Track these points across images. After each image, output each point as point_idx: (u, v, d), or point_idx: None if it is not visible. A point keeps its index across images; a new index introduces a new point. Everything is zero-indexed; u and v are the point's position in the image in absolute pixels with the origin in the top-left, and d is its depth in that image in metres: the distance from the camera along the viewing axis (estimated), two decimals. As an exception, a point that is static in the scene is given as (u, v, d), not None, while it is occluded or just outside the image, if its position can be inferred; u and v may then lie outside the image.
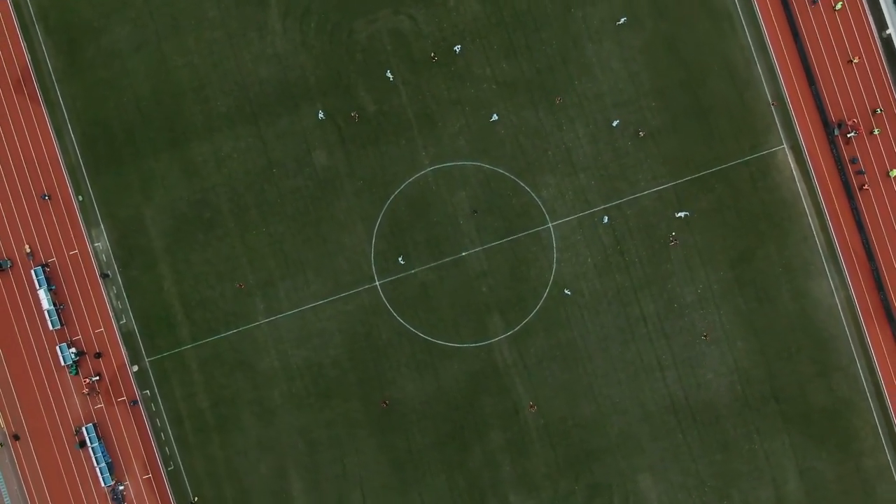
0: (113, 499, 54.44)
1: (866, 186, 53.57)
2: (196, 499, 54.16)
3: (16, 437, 54.58)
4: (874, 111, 53.59)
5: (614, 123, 53.62)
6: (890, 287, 53.75)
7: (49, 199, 54.57)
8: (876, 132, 53.52)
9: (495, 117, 53.71)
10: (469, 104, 54.49)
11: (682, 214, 53.32)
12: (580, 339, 54.31)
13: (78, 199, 54.83)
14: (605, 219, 53.65)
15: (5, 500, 54.57)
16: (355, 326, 54.62)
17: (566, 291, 53.38)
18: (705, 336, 53.54)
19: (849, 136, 53.52)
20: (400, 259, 53.95)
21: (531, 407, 53.71)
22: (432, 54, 53.95)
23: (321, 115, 53.92)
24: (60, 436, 54.63)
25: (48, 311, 53.82)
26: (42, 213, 54.75)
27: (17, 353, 54.62)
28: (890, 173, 53.66)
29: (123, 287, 54.79)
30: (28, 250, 54.43)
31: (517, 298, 54.21)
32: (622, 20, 53.77)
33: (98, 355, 54.48)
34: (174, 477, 54.75)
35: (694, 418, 53.98)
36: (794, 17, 53.90)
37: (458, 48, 53.82)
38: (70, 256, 54.84)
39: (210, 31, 54.84)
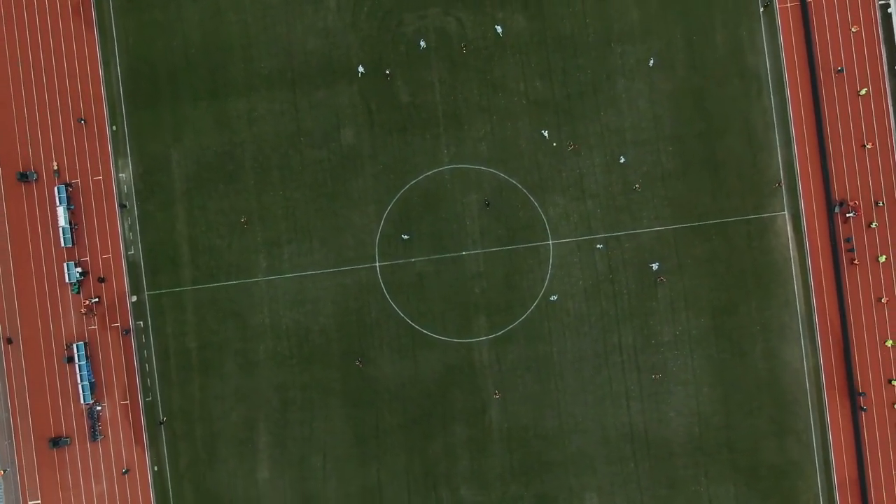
0: (88, 416, 56.88)
1: (856, 262, 55.87)
2: (165, 419, 56.58)
3: (9, 341, 56.99)
4: (876, 203, 55.88)
5: (622, 160, 55.96)
6: (857, 365, 56.12)
7: (84, 123, 56.89)
8: (874, 225, 55.85)
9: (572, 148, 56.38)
10: (497, 113, 56.82)
11: (654, 266, 55.82)
12: (557, 356, 56.72)
13: (112, 128, 57.20)
14: (600, 245, 56.04)
15: (-13, 397, 57.10)
16: (348, 301, 57.03)
17: (552, 297, 55.73)
18: (655, 376, 55.92)
19: (848, 215, 55.89)
20: (403, 235, 56.25)
21: (496, 394, 56.03)
22: (462, 44, 56.18)
23: (361, 70, 56.11)
24: (51, 348, 57.08)
25: (63, 229, 56.22)
26: (75, 136, 57.11)
27: (26, 261, 57.06)
28: (879, 258, 56.02)
29: (138, 220, 57.20)
30: (55, 167, 56.82)
31: (506, 305, 56.61)
32: (651, 62, 56.09)
33: (101, 279, 56.88)
34: (150, 408, 57.24)
35: (648, 451, 56.42)
36: (819, 92, 56.20)
37: (499, 29, 55.93)
38: (93, 181, 57.22)
39: (268, -4, 57.28)
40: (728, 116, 56.71)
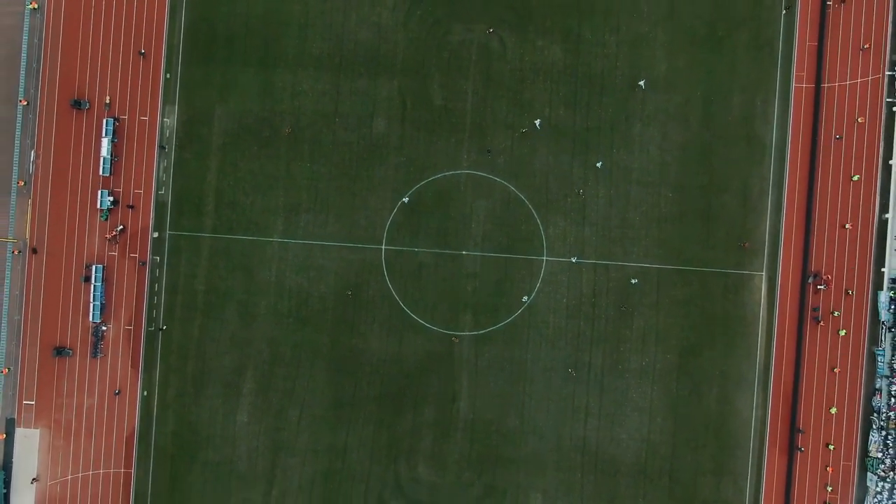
0: (93, 334, 61.34)
1: (821, 323, 60.36)
2: (164, 327, 61.11)
3: (34, 251, 61.40)
4: (847, 291, 60.42)
5: (598, 164, 60.41)
6: (801, 424, 60.67)
7: (143, 56, 61.04)
8: (836, 314, 60.53)
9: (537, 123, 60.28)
10: (520, 132, 61.24)
11: (634, 281, 60.55)
12: (530, 363, 61.25)
13: (165, 76, 61.56)
14: (573, 259, 60.43)
15: (5, 299, 61.47)
16: (350, 275, 61.51)
17: (524, 298, 60.28)
18: (571, 372, 60.35)
19: (819, 287, 60.45)
20: (404, 199, 60.62)
21: (454, 339, 60.51)
22: (490, 30, 60.34)
23: None
24: (72, 265, 61.53)
25: (104, 159, 60.62)
26: (131, 76, 61.44)
27: (63, 181, 61.46)
28: (840, 332, 60.58)
29: (173, 164, 61.61)
30: (108, 101, 61.20)
31: (493, 307, 61.11)
32: (642, 83, 60.30)
33: (130, 206, 61.22)
34: (150, 337, 61.72)
35: (596, 465, 61.01)
36: (816, 170, 60.64)
37: None
38: (139, 121, 61.60)
39: (331, -17, 61.64)
40: (729, 176, 61.15)
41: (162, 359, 61.60)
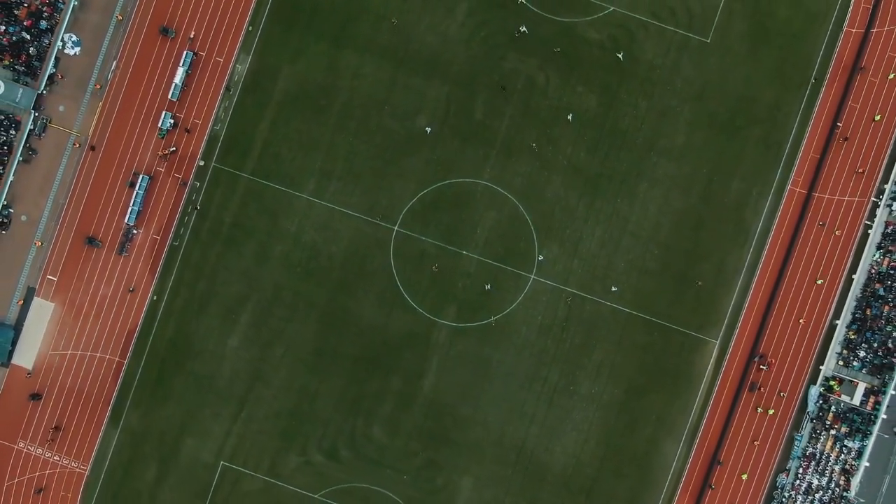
0: (124, 234, 68.32)
1: (761, 388, 67.54)
2: (199, 207, 68.11)
3: (92, 148, 68.33)
4: (779, 392, 67.60)
5: (569, 117, 67.46)
6: (714, 479, 67.85)
7: None
8: (770, 412, 67.63)
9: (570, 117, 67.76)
10: (542, 161, 68.21)
11: (615, 289, 67.57)
12: (495, 364, 68.37)
13: (248, 27, 68.46)
14: (541, 258, 67.10)
15: (55, 182, 68.41)
16: (359, 245, 68.52)
17: (487, 286, 67.56)
18: (492, 321, 66.61)
19: (762, 367, 67.62)
20: (427, 128, 67.51)
21: (434, 267, 67.52)
22: (502, 87, 67.78)
23: None
24: (122, 169, 68.49)
25: (175, 85, 67.52)
26: (217, 21, 68.27)
27: (134, 95, 68.32)
28: (769, 411, 67.75)
29: (233, 106, 68.50)
30: (192, 36, 68.09)
31: (475, 307, 68.18)
32: (620, 54, 66.78)
33: (188, 130, 68.17)
34: (172, 252, 68.71)
35: (527, 468, 68.19)
36: (787, 267, 67.71)
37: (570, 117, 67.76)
38: (214, 60, 68.40)
39: (414, -13, 68.59)
40: (711, 249, 68.18)
41: (178, 271, 68.61)
